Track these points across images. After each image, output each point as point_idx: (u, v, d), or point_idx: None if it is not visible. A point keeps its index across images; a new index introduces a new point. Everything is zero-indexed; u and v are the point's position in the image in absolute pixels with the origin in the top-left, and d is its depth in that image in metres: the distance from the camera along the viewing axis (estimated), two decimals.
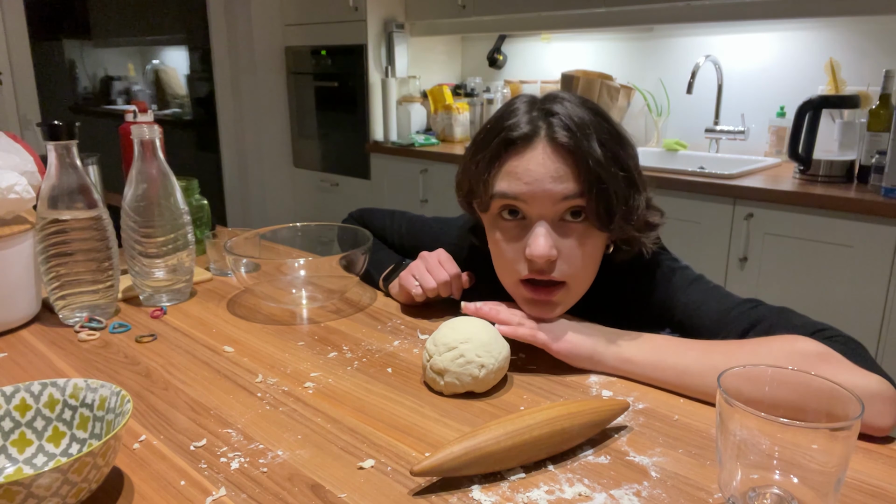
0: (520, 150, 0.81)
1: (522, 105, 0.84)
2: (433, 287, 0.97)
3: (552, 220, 0.81)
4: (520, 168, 0.80)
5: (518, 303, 0.87)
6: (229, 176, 3.79)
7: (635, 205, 0.83)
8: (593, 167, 0.78)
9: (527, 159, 0.80)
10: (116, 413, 0.61)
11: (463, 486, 0.60)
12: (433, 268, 0.99)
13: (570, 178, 0.79)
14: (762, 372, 0.57)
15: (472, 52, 3.53)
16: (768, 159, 2.47)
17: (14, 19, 2.90)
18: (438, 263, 0.99)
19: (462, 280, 0.99)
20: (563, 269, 0.82)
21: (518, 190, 0.80)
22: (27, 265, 0.96)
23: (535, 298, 0.84)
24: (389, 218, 1.19)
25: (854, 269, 1.92)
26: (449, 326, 0.78)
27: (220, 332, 0.96)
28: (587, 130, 0.80)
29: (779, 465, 0.51)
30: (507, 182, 0.81)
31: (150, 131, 1.00)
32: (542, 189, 0.79)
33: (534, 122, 0.81)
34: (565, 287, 0.83)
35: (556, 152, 0.79)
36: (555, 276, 0.82)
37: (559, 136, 0.79)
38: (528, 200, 0.80)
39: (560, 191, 0.79)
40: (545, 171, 0.79)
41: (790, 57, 2.47)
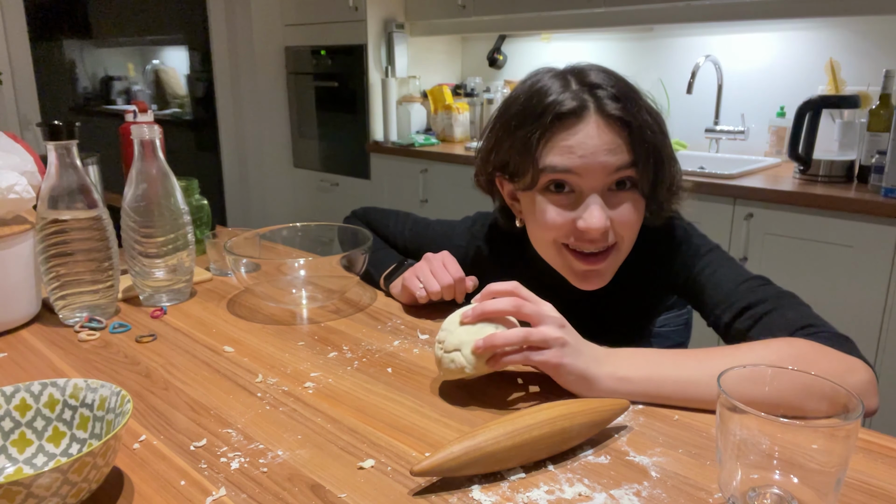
0: (570, 124, 0.82)
1: (553, 82, 0.85)
2: (437, 290, 0.97)
3: (602, 191, 0.83)
4: (572, 142, 0.81)
5: (563, 273, 0.89)
6: (229, 176, 3.79)
7: (676, 170, 0.87)
8: (647, 134, 0.81)
9: (581, 133, 0.81)
10: (116, 413, 0.61)
11: (463, 486, 0.60)
12: (437, 271, 0.99)
13: (622, 149, 0.81)
14: (762, 372, 0.57)
15: (472, 52, 3.53)
16: (768, 159, 2.47)
17: (14, 19, 2.90)
18: (443, 266, 0.99)
19: (465, 284, 0.99)
20: (612, 234, 0.85)
21: (571, 164, 0.81)
22: (27, 265, 0.96)
23: (584, 269, 0.86)
24: (393, 218, 1.19)
25: (854, 269, 1.92)
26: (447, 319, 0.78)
27: (220, 332, 0.96)
28: (633, 98, 0.83)
29: (779, 465, 0.51)
30: (558, 157, 0.82)
31: (150, 131, 1.00)
32: (596, 162, 0.81)
33: (579, 97, 0.82)
34: (615, 250, 0.86)
35: (608, 124, 0.81)
36: (605, 242, 0.84)
37: (610, 108, 0.81)
38: (582, 173, 0.82)
39: (614, 162, 0.81)
40: (599, 143, 0.81)
41: (790, 57, 2.47)
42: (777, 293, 0.83)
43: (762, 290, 0.84)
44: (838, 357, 0.72)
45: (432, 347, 0.90)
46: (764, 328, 0.80)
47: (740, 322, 0.83)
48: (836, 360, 0.72)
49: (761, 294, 0.83)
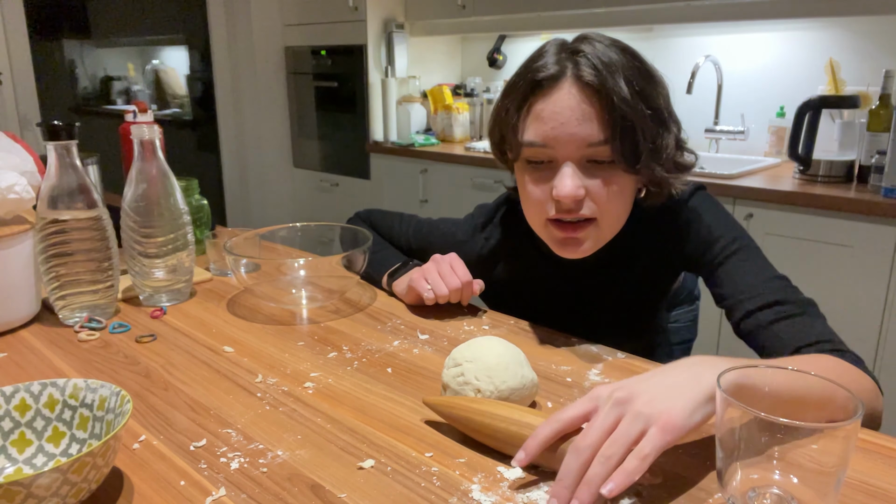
0: (546, 91, 0.80)
1: (552, 47, 0.84)
2: (445, 294, 0.97)
3: (578, 161, 0.81)
4: (545, 111, 0.80)
5: (549, 244, 0.88)
6: (229, 176, 3.79)
7: (663, 143, 0.82)
8: (618, 104, 0.77)
9: (553, 101, 0.80)
10: (116, 413, 0.61)
11: (462, 486, 0.60)
12: (445, 273, 0.99)
13: (594, 119, 0.79)
14: (762, 372, 0.57)
15: (471, 52, 3.53)
16: (768, 159, 2.47)
17: (14, 19, 2.90)
18: (451, 269, 0.99)
19: (472, 287, 1.00)
20: (590, 207, 0.82)
21: (544, 135, 0.80)
22: (27, 265, 0.95)
23: (562, 237, 0.85)
24: (398, 220, 1.19)
25: (854, 269, 1.92)
26: (469, 343, 0.75)
27: (220, 332, 0.96)
28: (613, 68, 0.79)
29: (778, 465, 0.51)
30: (533, 128, 0.81)
31: (150, 131, 1.00)
32: (567, 133, 0.79)
33: (561, 63, 0.81)
34: (594, 224, 0.84)
35: (581, 92, 0.79)
36: (583, 212, 0.82)
37: (585, 74, 0.79)
38: (554, 145, 0.80)
39: (585, 135, 0.79)
40: (570, 113, 0.79)
41: (790, 57, 2.47)
42: (804, 299, 0.83)
43: (790, 291, 0.83)
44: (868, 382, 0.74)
45: (432, 347, 0.90)
46: (789, 328, 0.79)
47: (765, 314, 0.81)
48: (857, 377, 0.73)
49: (790, 294, 0.83)
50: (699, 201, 0.93)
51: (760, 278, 0.84)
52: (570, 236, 0.84)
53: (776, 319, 0.81)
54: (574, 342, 0.92)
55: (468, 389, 0.70)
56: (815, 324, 0.80)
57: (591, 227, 0.84)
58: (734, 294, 0.85)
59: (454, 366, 0.72)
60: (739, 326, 0.84)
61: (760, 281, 0.84)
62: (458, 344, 0.84)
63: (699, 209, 0.92)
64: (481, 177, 2.80)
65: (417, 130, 3.34)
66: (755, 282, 0.84)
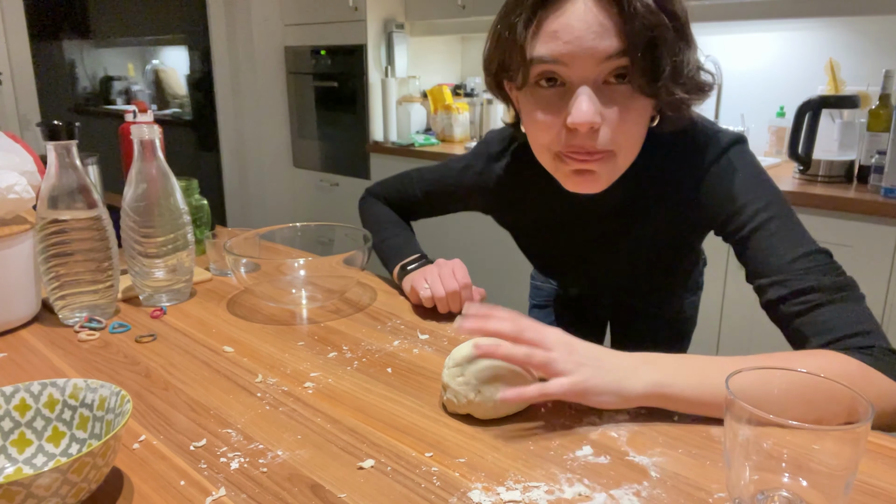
0: (558, 4, 0.73)
1: None
2: (442, 296, 0.97)
3: (594, 83, 0.74)
4: (558, 25, 0.73)
5: (559, 179, 0.82)
6: (229, 176, 3.79)
7: (685, 59, 0.76)
8: (641, 11, 0.71)
9: (567, 14, 0.73)
10: (116, 413, 0.61)
11: (462, 486, 0.60)
12: (445, 276, 0.98)
13: (613, 32, 0.72)
14: (772, 374, 0.57)
15: (472, 52, 3.53)
16: (768, 159, 2.47)
17: (14, 19, 2.90)
18: (451, 273, 0.98)
19: (471, 292, 0.98)
20: (607, 138, 0.75)
21: (557, 51, 0.73)
22: (27, 265, 0.95)
23: (577, 168, 0.78)
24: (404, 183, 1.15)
25: (854, 269, 1.90)
26: (470, 343, 0.74)
27: (220, 332, 0.96)
28: None
29: (787, 468, 0.51)
30: (544, 44, 0.74)
31: (150, 131, 1.00)
32: (583, 47, 0.72)
33: None
34: (611, 156, 0.77)
35: (598, 3, 0.72)
36: (599, 145, 0.75)
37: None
38: (569, 62, 0.73)
39: (604, 48, 0.72)
40: (586, 26, 0.72)
41: (790, 57, 2.47)
42: (837, 282, 0.75)
43: (822, 272, 0.76)
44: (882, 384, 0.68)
45: (432, 347, 0.90)
46: (815, 321, 0.74)
47: (789, 305, 0.75)
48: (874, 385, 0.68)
49: (820, 278, 0.75)
50: (736, 155, 0.84)
51: (788, 258, 0.77)
52: (583, 167, 0.77)
53: (800, 312, 0.75)
54: None
55: (468, 389, 0.70)
56: (844, 312, 0.74)
57: (605, 158, 0.77)
58: (759, 276, 0.79)
59: (454, 366, 0.72)
60: (768, 312, 0.79)
61: (788, 261, 0.77)
62: (458, 344, 0.85)
63: (734, 164, 0.83)
64: None
65: (417, 130, 3.34)
66: (782, 263, 0.77)
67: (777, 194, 0.82)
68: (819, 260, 0.77)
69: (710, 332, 2.17)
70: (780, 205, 0.81)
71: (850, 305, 0.74)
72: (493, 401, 0.69)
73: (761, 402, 0.52)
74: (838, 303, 0.74)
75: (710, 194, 0.84)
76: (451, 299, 0.98)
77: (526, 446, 0.66)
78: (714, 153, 0.84)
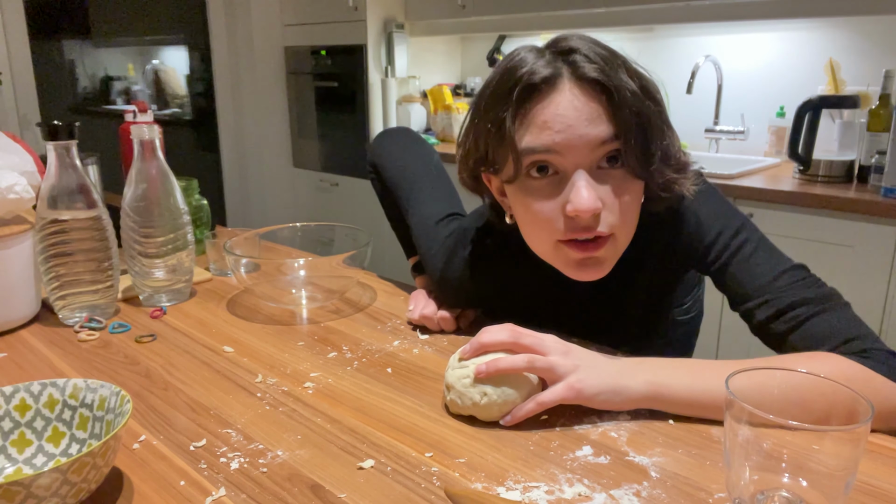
0: (545, 94, 0.73)
1: (529, 53, 0.76)
2: (416, 319, 0.96)
3: (589, 168, 0.73)
4: (548, 116, 0.72)
5: (562, 269, 0.80)
6: (229, 176, 3.79)
7: (671, 142, 0.77)
8: (630, 99, 0.71)
9: (555, 104, 0.72)
10: (116, 413, 0.61)
11: (462, 486, 0.60)
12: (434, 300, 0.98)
13: (604, 118, 0.72)
14: (771, 374, 0.57)
15: (472, 52, 3.53)
16: (768, 159, 2.47)
17: (14, 19, 2.90)
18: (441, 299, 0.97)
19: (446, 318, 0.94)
20: (608, 221, 0.74)
21: (549, 141, 0.72)
22: (27, 265, 0.95)
23: (581, 258, 0.76)
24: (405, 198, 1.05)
25: (854, 269, 1.92)
26: None
27: (220, 332, 0.96)
28: (613, 62, 0.73)
29: (787, 468, 0.51)
30: (535, 135, 0.73)
31: (150, 131, 1.00)
32: (576, 135, 0.71)
33: (552, 64, 0.73)
34: (612, 240, 0.76)
35: (585, 91, 0.72)
36: (601, 229, 0.74)
37: (586, 70, 0.72)
38: (563, 151, 0.72)
39: (596, 134, 0.72)
40: (577, 113, 0.72)
41: (790, 57, 2.47)
42: (821, 294, 0.76)
43: (804, 287, 0.76)
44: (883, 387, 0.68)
45: (432, 347, 0.90)
46: (809, 334, 0.74)
47: (779, 324, 0.76)
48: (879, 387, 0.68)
49: (803, 292, 0.75)
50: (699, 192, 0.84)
51: (768, 277, 0.77)
52: (589, 255, 0.76)
53: (792, 328, 0.75)
54: (573, 342, 0.91)
55: (474, 392, 0.70)
56: (835, 321, 0.74)
57: (608, 242, 0.76)
58: (743, 301, 0.79)
59: (459, 367, 0.72)
60: (758, 336, 0.79)
61: (769, 280, 0.77)
62: (458, 344, 0.85)
63: (696, 202, 0.84)
64: None
65: (417, 130, 3.34)
66: (763, 283, 0.77)
67: (745, 219, 0.83)
68: (799, 275, 0.78)
69: (709, 337, 2.18)
70: (750, 229, 0.82)
71: (838, 313, 0.75)
72: (498, 403, 0.69)
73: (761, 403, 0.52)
74: (827, 312, 0.75)
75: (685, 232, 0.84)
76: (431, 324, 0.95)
77: (526, 446, 0.66)
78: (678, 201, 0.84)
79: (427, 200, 1.01)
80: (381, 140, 1.13)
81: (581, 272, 0.78)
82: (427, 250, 0.98)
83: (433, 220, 0.99)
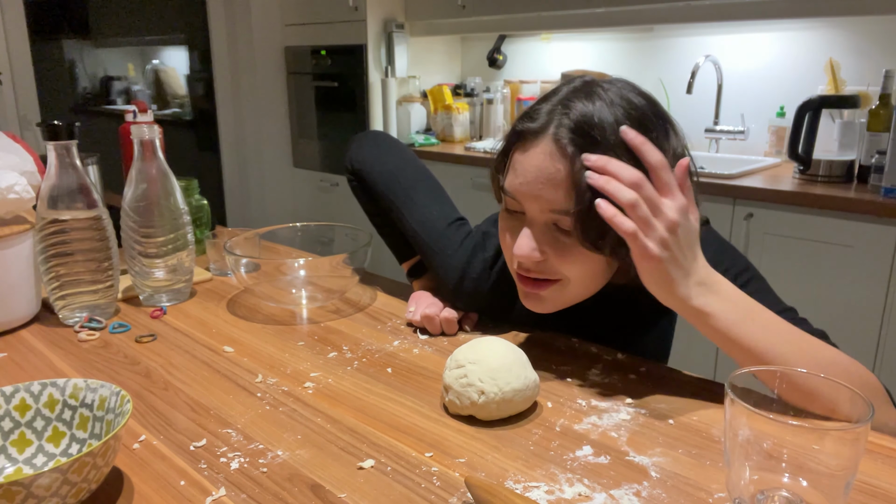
0: (527, 144, 0.76)
1: (563, 88, 0.78)
2: (417, 320, 0.96)
3: (544, 223, 0.76)
4: (520, 164, 0.76)
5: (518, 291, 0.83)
6: (229, 176, 3.79)
7: None
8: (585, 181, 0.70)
9: (529, 155, 0.75)
10: (116, 413, 0.61)
11: (461, 487, 0.60)
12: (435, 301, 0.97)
13: (562, 185, 0.73)
14: (771, 374, 0.56)
15: (472, 52, 3.53)
16: (768, 159, 2.47)
17: (14, 19, 2.90)
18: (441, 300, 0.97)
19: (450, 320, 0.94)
20: (554, 269, 0.77)
21: (514, 187, 0.77)
22: (27, 265, 0.95)
23: (525, 291, 0.81)
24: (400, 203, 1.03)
25: (854, 269, 1.92)
26: (471, 344, 0.74)
27: (220, 332, 0.96)
28: (599, 134, 0.71)
29: (787, 468, 0.51)
30: (509, 176, 0.78)
31: (150, 131, 1.00)
32: (532, 192, 0.75)
33: (550, 115, 0.75)
34: (559, 284, 0.79)
35: (556, 153, 0.73)
36: (543, 275, 0.78)
37: (562, 136, 0.73)
38: (521, 200, 0.77)
39: (548, 199, 0.74)
40: (540, 172, 0.74)
41: (790, 57, 2.47)
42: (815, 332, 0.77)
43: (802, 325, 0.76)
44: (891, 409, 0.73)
45: (432, 347, 0.90)
46: None
47: None
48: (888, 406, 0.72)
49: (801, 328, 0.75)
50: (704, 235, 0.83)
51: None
52: (532, 291, 0.80)
53: None
54: (574, 342, 0.92)
55: (472, 391, 0.70)
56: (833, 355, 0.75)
57: (555, 286, 0.79)
58: None
59: (457, 367, 0.72)
60: None
61: None
62: (458, 344, 0.85)
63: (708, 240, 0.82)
64: (481, 177, 2.80)
65: (417, 130, 3.34)
66: None
67: (748, 263, 0.85)
68: (794, 315, 0.80)
69: None
70: (752, 270, 0.84)
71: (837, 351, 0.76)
72: (496, 402, 0.69)
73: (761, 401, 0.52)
74: None
75: None
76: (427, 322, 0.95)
77: (526, 446, 0.66)
78: None
79: (429, 203, 1.01)
80: (359, 145, 1.10)
81: (527, 303, 0.83)
82: (441, 251, 0.97)
83: (444, 223, 0.99)
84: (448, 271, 0.96)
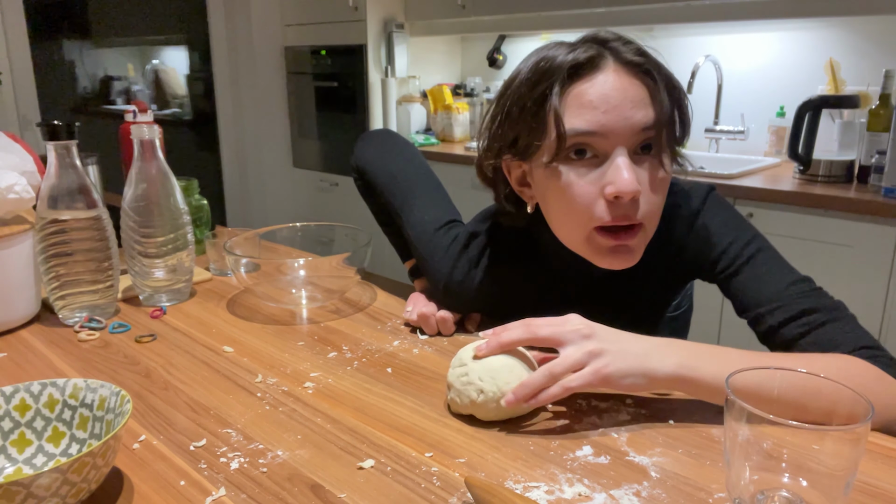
0: (590, 74, 0.72)
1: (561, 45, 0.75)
2: (414, 320, 0.95)
3: (630, 151, 0.73)
4: (593, 96, 0.71)
5: (591, 257, 0.79)
6: (229, 176, 3.79)
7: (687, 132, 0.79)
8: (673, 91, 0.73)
9: (600, 83, 0.71)
10: (116, 413, 0.61)
11: (461, 487, 0.60)
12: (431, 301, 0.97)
13: (647, 103, 0.72)
14: (772, 374, 0.56)
15: (471, 52, 3.53)
16: (768, 159, 2.47)
17: (14, 19, 2.90)
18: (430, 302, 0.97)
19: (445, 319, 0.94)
20: (642, 209, 0.74)
21: (596, 121, 0.71)
22: (27, 265, 0.95)
23: (614, 244, 0.75)
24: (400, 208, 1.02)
25: (854, 269, 1.92)
26: (475, 344, 0.74)
27: (220, 332, 0.96)
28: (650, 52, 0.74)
29: (787, 468, 0.51)
30: (579, 115, 0.72)
31: (150, 131, 1.00)
32: (622, 118, 0.71)
33: (593, 48, 0.73)
34: (643, 229, 0.76)
35: (629, 74, 0.72)
36: (631, 218, 0.74)
37: (628, 55, 0.72)
38: (607, 133, 0.71)
39: (640, 119, 0.71)
40: (624, 95, 0.71)
41: (790, 57, 2.47)
42: (831, 303, 0.77)
43: (816, 296, 0.77)
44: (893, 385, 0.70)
45: (432, 347, 0.90)
46: (820, 339, 0.74)
47: (791, 328, 0.76)
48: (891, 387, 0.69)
49: (815, 301, 0.76)
50: (714, 202, 0.86)
51: (781, 285, 0.78)
52: (622, 244, 0.75)
53: (803, 333, 0.75)
54: None
55: (471, 390, 0.70)
56: (846, 329, 0.75)
57: (639, 233, 0.76)
58: (754, 306, 0.79)
59: (459, 365, 0.72)
60: (766, 342, 0.79)
61: (781, 288, 0.78)
62: (458, 345, 0.85)
63: (715, 210, 0.85)
64: None
65: (417, 130, 3.34)
66: (776, 290, 0.78)
67: (757, 231, 0.84)
68: (809, 286, 0.79)
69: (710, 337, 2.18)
70: (762, 240, 0.83)
71: (849, 324, 0.76)
72: (495, 401, 0.69)
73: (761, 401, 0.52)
74: (839, 321, 0.76)
75: (697, 243, 0.85)
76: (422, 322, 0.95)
77: (526, 446, 0.66)
78: (696, 206, 0.85)
79: (423, 207, 1.00)
80: (365, 144, 1.10)
81: (613, 260, 0.77)
82: (429, 258, 0.96)
83: (433, 228, 0.98)
84: (435, 275, 0.96)
